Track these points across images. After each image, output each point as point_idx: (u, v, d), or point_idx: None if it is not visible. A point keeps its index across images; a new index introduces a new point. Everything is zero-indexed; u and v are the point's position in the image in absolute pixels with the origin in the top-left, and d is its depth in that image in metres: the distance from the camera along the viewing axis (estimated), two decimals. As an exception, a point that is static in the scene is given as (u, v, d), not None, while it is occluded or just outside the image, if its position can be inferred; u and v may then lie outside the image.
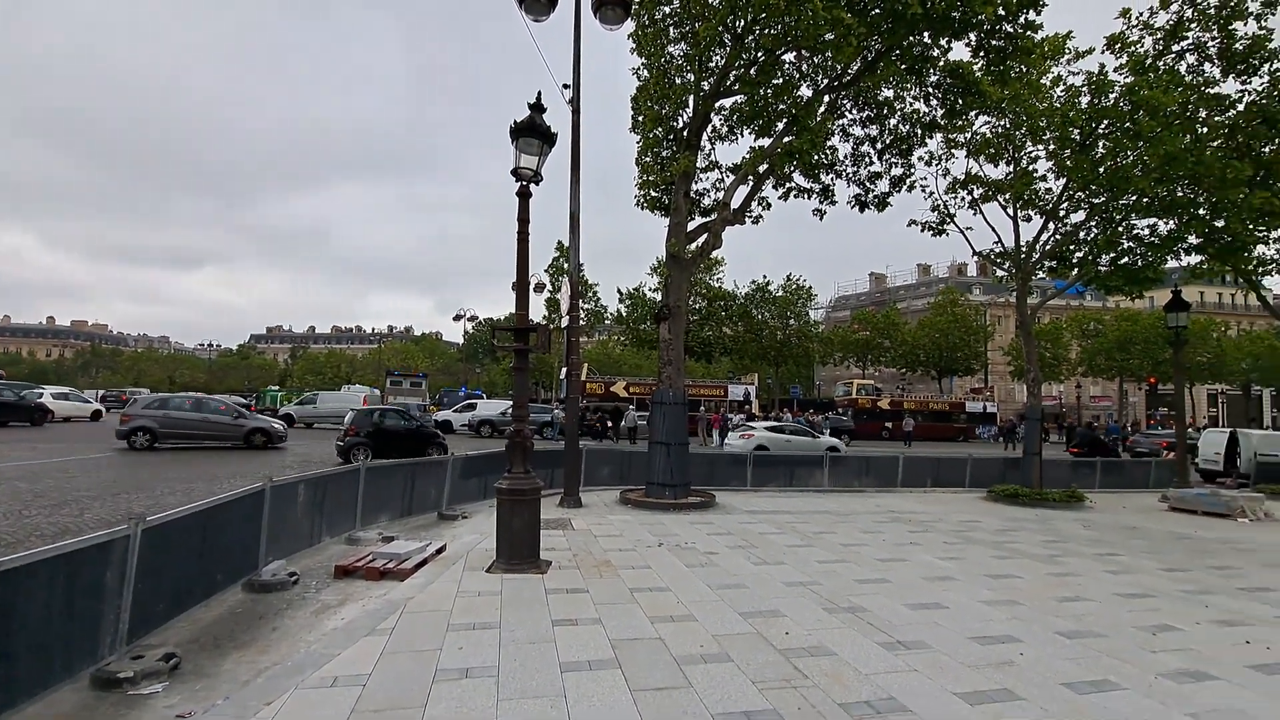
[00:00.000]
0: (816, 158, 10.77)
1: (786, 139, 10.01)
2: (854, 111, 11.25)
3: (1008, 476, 14.56)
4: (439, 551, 6.87)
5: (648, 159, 11.11)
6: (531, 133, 6.61)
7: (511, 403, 7.34)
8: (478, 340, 73.90)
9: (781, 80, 10.31)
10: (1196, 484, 15.37)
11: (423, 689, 3.59)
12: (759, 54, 9.74)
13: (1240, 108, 12.36)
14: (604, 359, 65.48)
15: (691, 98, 10.49)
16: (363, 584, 5.89)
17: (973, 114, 11.77)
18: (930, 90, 10.43)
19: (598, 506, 10.36)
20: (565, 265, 11.83)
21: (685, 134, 10.81)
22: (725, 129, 11.71)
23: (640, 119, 10.86)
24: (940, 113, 10.62)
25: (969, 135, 13.64)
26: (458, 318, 48.11)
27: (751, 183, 11.12)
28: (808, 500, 12.08)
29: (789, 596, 5.70)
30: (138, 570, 3.89)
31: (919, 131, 11.08)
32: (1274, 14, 11.76)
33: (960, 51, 10.19)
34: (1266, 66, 11.98)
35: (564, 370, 11.28)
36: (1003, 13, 8.88)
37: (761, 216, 11.78)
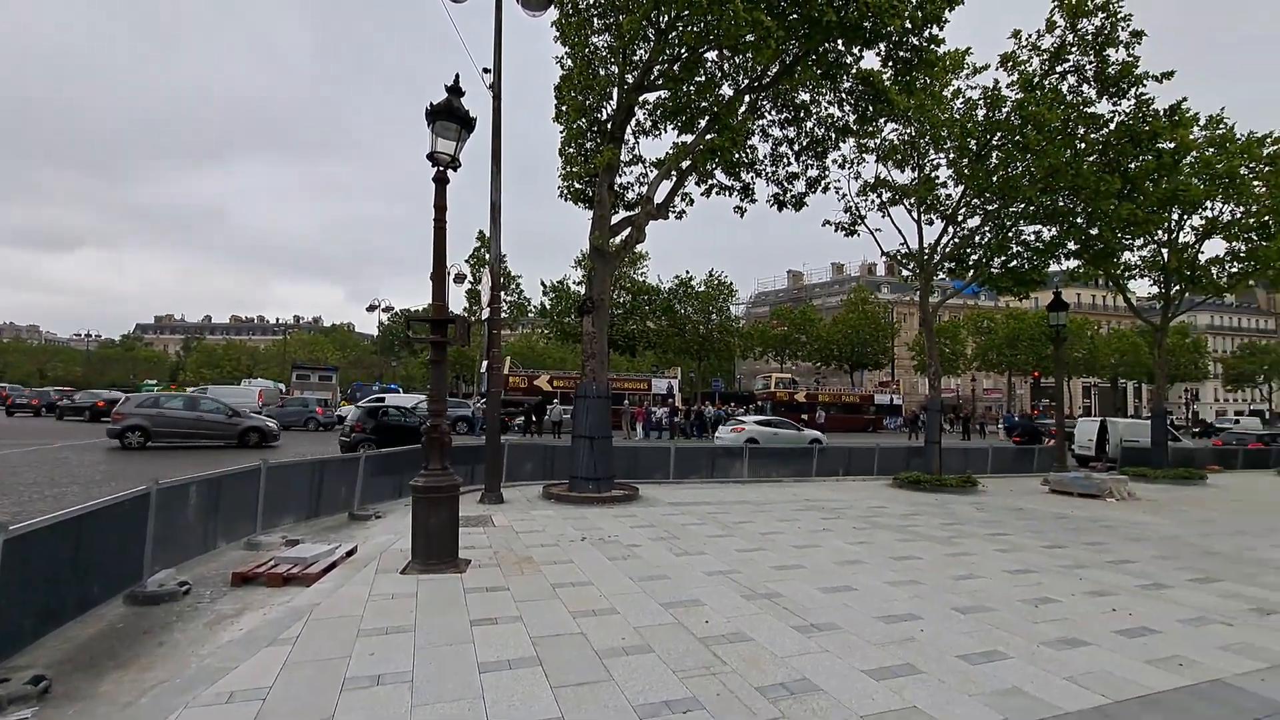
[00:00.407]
0: (737, 156, 11.02)
1: (709, 136, 10.18)
2: (773, 113, 11.58)
3: (911, 464, 15.49)
4: (349, 554, 6.54)
5: (571, 150, 10.99)
6: (449, 116, 6.37)
7: (426, 397, 7.09)
8: (394, 332, 70.91)
9: (704, 78, 10.46)
10: (1073, 468, 16.91)
11: (330, 699, 3.40)
12: (682, 50, 9.83)
13: (1112, 126, 13.64)
14: (527, 352, 64.55)
15: (615, 90, 10.46)
16: (264, 591, 5.52)
17: (882, 121, 12.39)
18: (844, 96, 10.90)
19: (520, 502, 10.20)
20: (486, 256, 11.56)
21: (609, 126, 10.77)
22: (649, 123, 11.76)
23: (564, 109, 10.73)
24: (853, 118, 11.11)
25: (878, 141, 14.35)
26: (372, 308, 45.95)
27: (675, 178, 11.23)
28: (729, 491, 12.39)
29: (709, 585, 5.81)
30: (-4, 586, 3.47)
31: (833, 135, 11.55)
32: (1139, 44, 13.04)
33: (871, 61, 10.70)
34: (1134, 90, 13.27)
35: (485, 364, 11.04)
36: (909, 26, 9.39)
37: (684, 212, 11.94)
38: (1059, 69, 13.26)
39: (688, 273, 44.55)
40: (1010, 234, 14.54)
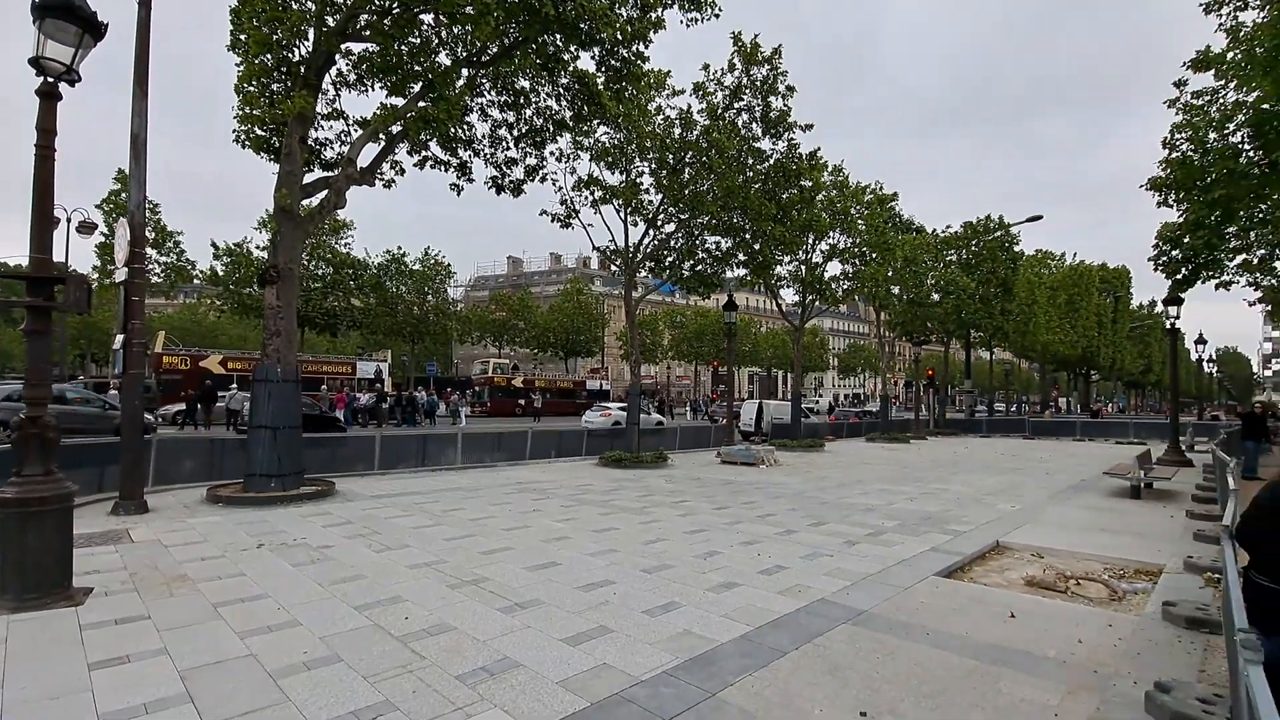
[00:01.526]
0: (455, 131, 10.58)
1: (422, 104, 9.56)
2: (493, 93, 11.39)
3: (615, 445, 16.90)
4: None
5: (252, 89, 9.29)
6: (66, 14, 4.84)
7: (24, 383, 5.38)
8: (-30, 295, 51.79)
9: (420, 40, 9.78)
10: (739, 443, 20.35)
11: None
12: (393, 3, 9.04)
13: (771, 162, 16.65)
14: (193, 326, 53.37)
15: (313, 30, 9.13)
16: None
17: (595, 123, 13.16)
18: (562, 91, 11.26)
19: (174, 509, 8.37)
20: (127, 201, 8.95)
21: (303, 70, 9.37)
22: (354, 77, 10.57)
23: (243, 38, 9.00)
24: (569, 114, 11.56)
25: (592, 141, 15.21)
26: (-72, 260, 32.75)
27: (384, 142, 10.31)
28: (440, 479, 11.95)
29: (412, 580, 5.53)
30: None
31: (551, 127, 11.86)
32: (792, 97, 16.13)
33: (589, 65, 11.25)
34: (787, 134, 16.41)
35: (120, 339, 8.70)
36: (620, 37, 10.13)
37: (394, 181, 11.06)
38: (736, 105, 15.69)
39: (400, 248, 41.57)
40: (697, 241, 16.79)
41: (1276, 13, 14.66)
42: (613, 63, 10.60)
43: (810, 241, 21.37)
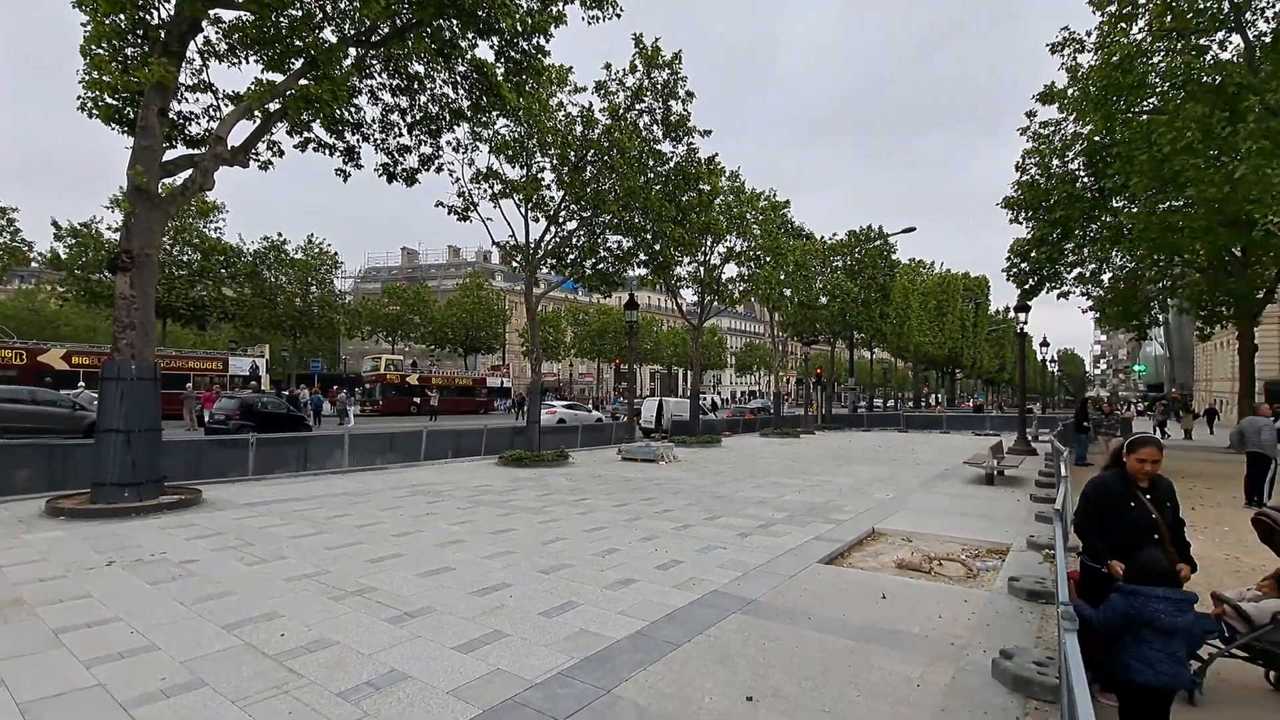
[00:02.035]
0: (341, 113, 9.96)
1: (304, 82, 8.90)
2: (385, 76, 10.80)
3: (515, 443, 16.62)
4: None
5: (101, 51, 8.26)
6: None
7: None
8: None
9: (301, 13, 9.09)
10: (640, 439, 20.63)
11: None
12: (272, -30, 8.35)
13: (672, 164, 16.97)
14: (30, 316, 46.88)
15: (176, -8, 8.25)
16: None
17: (495, 114, 12.83)
18: (459, 79, 10.86)
19: (6, 524, 7.32)
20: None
21: (164, 36, 8.45)
22: (225, 48, 9.65)
23: (89, -6, 7.99)
24: (467, 104, 11.18)
25: (492, 133, 14.82)
26: None
27: (259, 120, 9.51)
28: (325, 484, 11.22)
29: (290, 594, 5.17)
30: None
31: (448, 116, 11.41)
32: (692, 102, 16.51)
33: (488, 55, 10.93)
34: (687, 139, 16.78)
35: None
36: (520, 28, 9.93)
37: (272, 163, 10.22)
38: (638, 107, 15.85)
39: (280, 235, 38.59)
40: (600, 240, 16.82)
41: (1106, 57, 16.80)
42: (513, 54, 10.37)
43: (708, 244, 22.02)
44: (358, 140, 11.18)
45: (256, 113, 9.38)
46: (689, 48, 16.56)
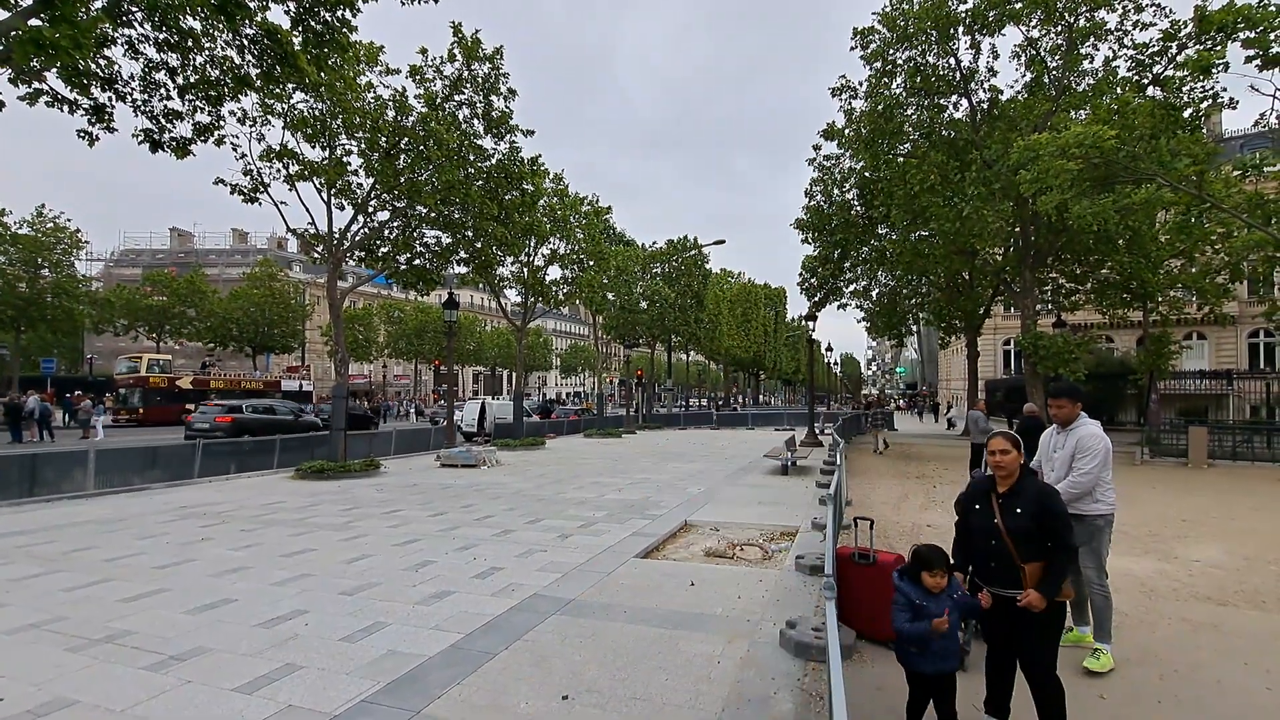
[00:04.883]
0: (86, 65, 8.26)
1: (35, 22, 7.24)
2: (148, 28, 9.15)
3: (316, 453, 15.06)
4: None
5: None
6: None
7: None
8: None
9: (29, -62, 7.37)
10: (461, 444, 19.82)
11: None
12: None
13: (494, 161, 16.58)
14: None
15: None
16: None
17: (291, 87, 11.53)
18: (246, 44, 9.56)
19: None
20: None
21: None
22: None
23: None
24: (255, 71, 9.87)
25: (287, 106, 13.31)
26: None
27: (-39, 62, 7.54)
28: (60, 511, 9.22)
29: (11, 649, 4.19)
30: None
31: (230, 82, 9.98)
32: (514, 100, 16.27)
33: (283, 20, 9.77)
34: (509, 136, 16.51)
35: None
36: (320, -2, 9.03)
37: (-15, 117, 8.16)
38: (457, 98, 15.26)
39: (3, 208, 31.01)
40: (415, 234, 15.89)
41: (874, 105, 19.73)
42: (313, 24, 9.38)
43: (532, 245, 21.87)
44: (110, 97, 9.34)
45: (-41, 51, 7.41)
46: (532, 49, 16.29)
